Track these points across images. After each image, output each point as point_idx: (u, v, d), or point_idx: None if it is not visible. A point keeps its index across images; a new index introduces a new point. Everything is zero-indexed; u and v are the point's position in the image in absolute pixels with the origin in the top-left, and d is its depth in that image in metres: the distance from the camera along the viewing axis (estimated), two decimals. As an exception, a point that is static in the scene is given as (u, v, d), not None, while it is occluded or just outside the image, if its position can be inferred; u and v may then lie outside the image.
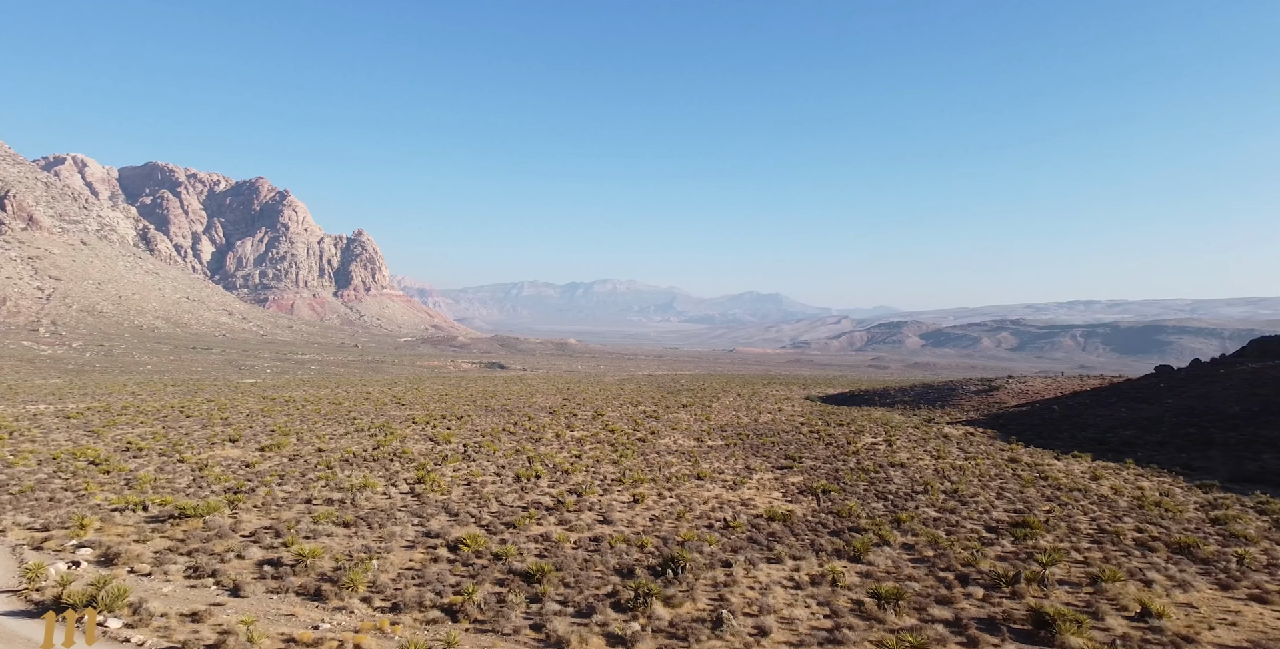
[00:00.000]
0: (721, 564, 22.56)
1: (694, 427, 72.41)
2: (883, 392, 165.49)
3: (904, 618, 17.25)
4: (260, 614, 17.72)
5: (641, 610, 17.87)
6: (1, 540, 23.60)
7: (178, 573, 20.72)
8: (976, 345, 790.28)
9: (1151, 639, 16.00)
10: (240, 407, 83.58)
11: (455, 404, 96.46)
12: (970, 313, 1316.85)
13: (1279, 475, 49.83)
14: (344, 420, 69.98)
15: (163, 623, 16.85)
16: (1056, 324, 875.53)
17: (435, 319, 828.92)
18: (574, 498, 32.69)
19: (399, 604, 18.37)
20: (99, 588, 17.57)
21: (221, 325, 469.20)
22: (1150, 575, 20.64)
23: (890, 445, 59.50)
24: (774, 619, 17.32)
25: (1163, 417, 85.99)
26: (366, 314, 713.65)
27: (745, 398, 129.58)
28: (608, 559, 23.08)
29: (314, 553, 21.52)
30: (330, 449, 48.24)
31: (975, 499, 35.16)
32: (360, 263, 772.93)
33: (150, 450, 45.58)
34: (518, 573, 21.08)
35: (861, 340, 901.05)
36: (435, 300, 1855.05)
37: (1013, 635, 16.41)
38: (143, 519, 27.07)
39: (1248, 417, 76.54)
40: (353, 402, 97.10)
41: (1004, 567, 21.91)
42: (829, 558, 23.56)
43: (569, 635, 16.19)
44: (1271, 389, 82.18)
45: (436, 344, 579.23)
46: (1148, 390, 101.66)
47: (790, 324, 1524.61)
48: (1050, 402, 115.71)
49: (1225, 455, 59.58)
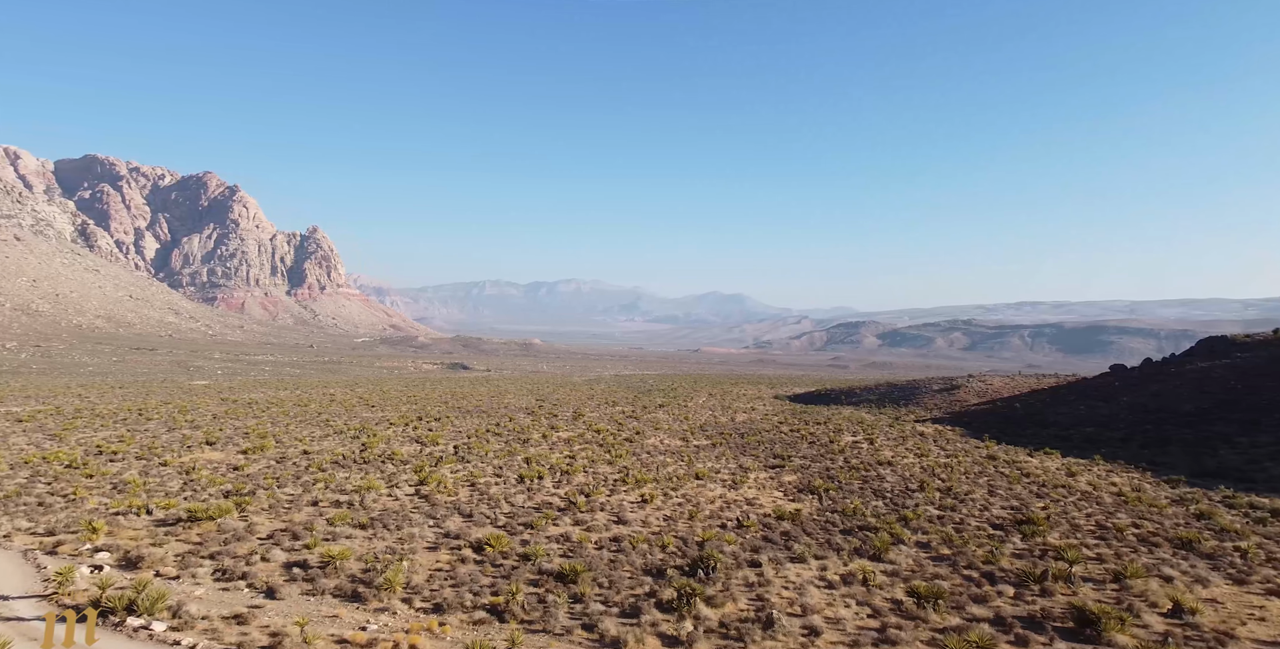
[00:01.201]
0: (749, 564, 22.42)
1: (675, 426, 72.34)
2: (848, 391, 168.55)
3: (947, 617, 17.28)
4: (302, 616, 17.45)
5: (686, 610, 17.68)
6: (8, 546, 22.91)
7: (205, 576, 20.39)
8: (931, 345, 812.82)
9: (1192, 635, 16.27)
10: (201, 409, 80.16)
11: (427, 406, 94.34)
12: (924, 313, 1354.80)
13: (1237, 470, 52.24)
14: (317, 423, 67.75)
15: (208, 626, 16.67)
16: (1006, 325, 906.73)
17: (394, 319, 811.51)
18: (584, 499, 32.40)
19: (441, 605, 18.26)
20: (138, 591, 17.22)
21: (167, 325, 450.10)
22: (1165, 571, 21.10)
23: (872, 444, 60.45)
24: (820, 619, 17.21)
25: (1119, 414, 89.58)
26: (322, 313, 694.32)
27: (718, 397, 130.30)
28: (633, 559, 22.94)
29: (342, 554, 21.34)
30: (316, 451, 47.09)
31: (970, 496, 35.83)
32: (315, 261, 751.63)
33: (125, 454, 44.02)
34: (550, 573, 20.85)
35: (821, 340, 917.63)
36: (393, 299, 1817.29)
37: (1059, 634, 16.45)
38: (150, 523, 26.46)
39: (1199, 414, 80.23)
40: (319, 404, 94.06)
41: (1024, 564, 22.26)
42: (850, 557, 23.60)
43: (624, 636, 16.00)
44: (1219, 388, 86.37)
45: (396, 344, 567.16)
46: (1104, 389, 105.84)
47: (753, 324, 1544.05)
48: (1012, 400, 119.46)
49: (1184, 451, 62.24)
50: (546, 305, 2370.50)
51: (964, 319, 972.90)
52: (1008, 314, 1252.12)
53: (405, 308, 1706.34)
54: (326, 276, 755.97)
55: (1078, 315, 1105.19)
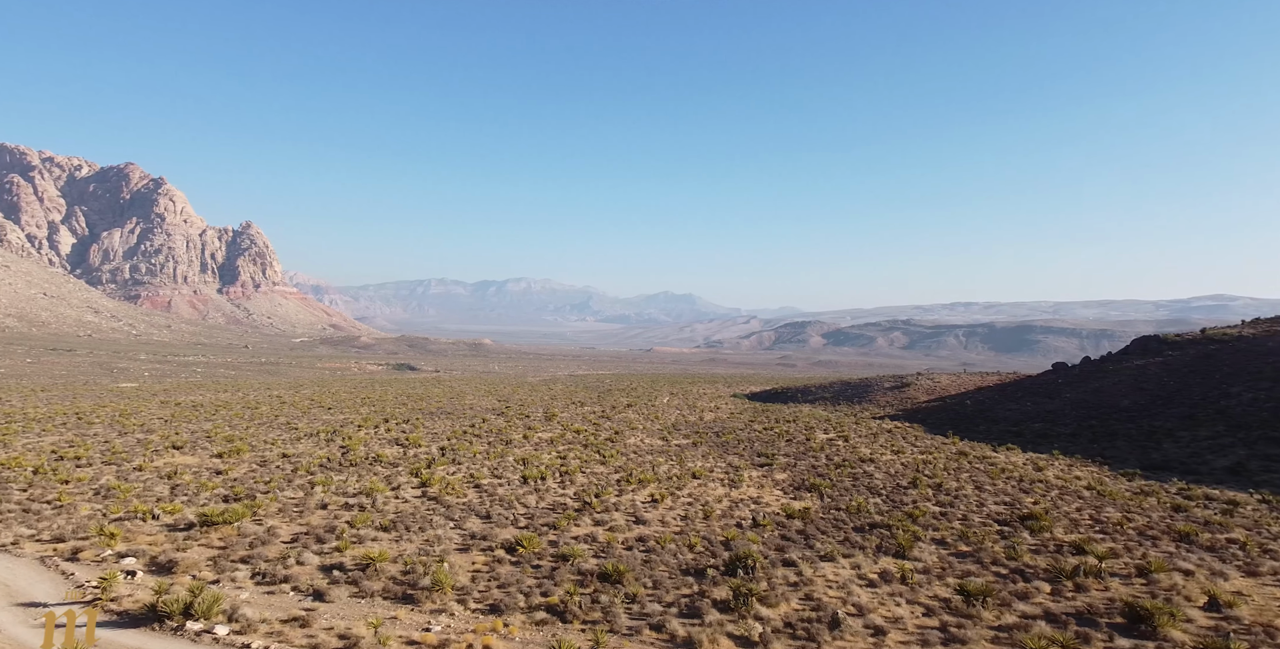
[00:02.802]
0: (783, 563, 22.27)
1: (650, 426, 72.04)
2: (804, 389, 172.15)
3: (1003, 615, 17.38)
4: (360, 617, 17.37)
5: (745, 610, 17.46)
6: (20, 553, 22.27)
7: (245, 580, 20.09)
8: (872, 344, 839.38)
9: (1239, 629, 16.70)
10: (144, 412, 75.20)
11: (385, 407, 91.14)
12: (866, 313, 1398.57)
13: (1181, 463, 55.52)
14: (277, 426, 64.54)
15: (271, 629, 16.44)
16: (942, 324, 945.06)
17: (334, 318, 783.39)
18: (597, 499, 31.93)
19: (498, 606, 17.98)
20: (194, 594, 16.82)
21: (86, 324, 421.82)
22: (1180, 564, 21.76)
23: (847, 441, 61.58)
24: (879, 618, 17.16)
25: (1064, 410, 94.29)
26: (256, 312, 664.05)
27: (680, 397, 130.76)
28: (667, 559, 22.72)
29: (381, 557, 20.88)
30: (295, 455, 45.33)
31: (962, 492, 36.73)
32: (249, 257, 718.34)
33: (90, 459, 41.72)
34: (593, 574, 20.57)
35: (770, 339, 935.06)
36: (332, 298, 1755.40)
37: (1113, 630, 16.61)
38: (160, 528, 25.64)
39: (1137, 409, 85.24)
40: (270, 406, 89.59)
41: (1045, 560, 22.72)
42: (875, 554, 23.77)
43: (696, 636, 15.69)
44: (1154, 384, 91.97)
45: (337, 345, 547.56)
46: (1048, 386, 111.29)
47: (704, 324, 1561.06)
48: (961, 396, 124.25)
49: (1130, 445, 65.82)
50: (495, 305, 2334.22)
51: (903, 319, 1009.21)
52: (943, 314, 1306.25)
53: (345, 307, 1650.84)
54: (261, 274, 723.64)
55: (1007, 315, 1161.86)
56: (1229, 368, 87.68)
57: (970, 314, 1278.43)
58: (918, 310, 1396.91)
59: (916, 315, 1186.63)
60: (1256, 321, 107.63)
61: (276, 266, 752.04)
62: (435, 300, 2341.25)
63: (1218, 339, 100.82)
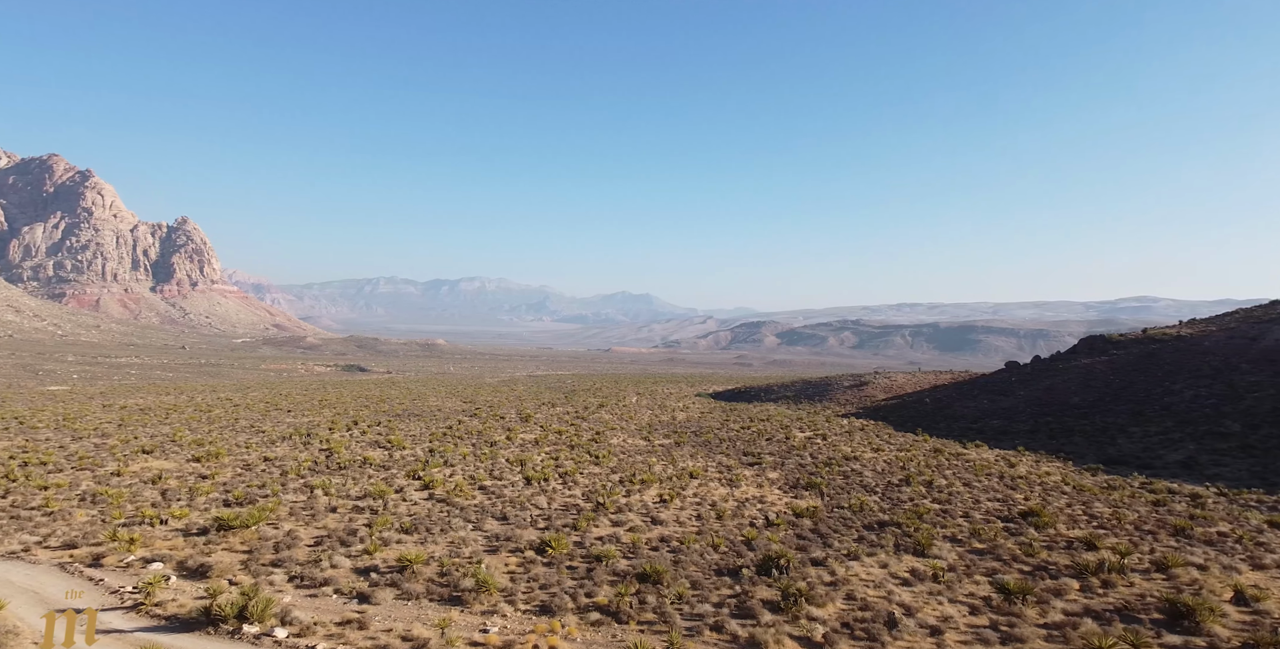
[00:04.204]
0: (813, 563, 22.21)
1: (626, 425, 71.61)
2: (766, 388, 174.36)
3: (1047, 613, 17.50)
4: (413, 619, 17.18)
5: (796, 611, 17.33)
6: (35, 560, 21.83)
7: (283, 583, 19.80)
8: (824, 344, 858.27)
9: (1276, 622, 17.06)
10: (89, 416, 70.78)
11: (347, 410, 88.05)
12: (817, 314, 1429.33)
13: (1136, 457, 58.25)
14: (241, 429, 61.76)
15: (328, 631, 16.20)
16: (889, 324, 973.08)
17: (277, 317, 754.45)
18: (610, 500, 31.58)
19: (547, 606, 17.76)
20: (247, 597, 16.56)
21: (6, 324, 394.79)
22: (1191, 558, 22.38)
23: (825, 439, 62.46)
24: (931, 617, 17.22)
25: (1019, 407, 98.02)
26: (194, 312, 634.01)
27: (648, 397, 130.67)
28: (695, 559, 22.54)
29: (418, 558, 20.49)
30: (277, 458, 43.66)
31: (953, 489, 37.51)
32: (185, 254, 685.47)
33: (57, 464, 39.73)
34: (629, 574, 20.29)
35: (726, 339, 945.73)
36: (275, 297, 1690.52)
37: (1158, 627, 16.78)
38: (173, 533, 25.05)
39: (1087, 406, 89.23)
40: (223, 409, 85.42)
41: (1062, 556, 23.15)
42: (896, 552, 23.95)
43: (761, 637, 15.56)
44: (1102, 382, 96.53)
45: (281, 345, 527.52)
46: (1002, 384, 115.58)
47: (661, 324, 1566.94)
48: (920, 394, 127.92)
49: (1087, 441, 68.68)
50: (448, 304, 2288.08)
51: (853, 319, 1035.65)
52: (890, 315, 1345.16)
53: (289, 306, 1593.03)
54: (198, 271, 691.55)
55: (950, 316, 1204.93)
56: (1170, 366, 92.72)
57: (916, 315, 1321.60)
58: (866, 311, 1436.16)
59: (865, 316, 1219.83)
60: (1193, 322, 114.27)
61: (215, 264, 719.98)
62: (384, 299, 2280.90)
63: (1158, 339, 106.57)
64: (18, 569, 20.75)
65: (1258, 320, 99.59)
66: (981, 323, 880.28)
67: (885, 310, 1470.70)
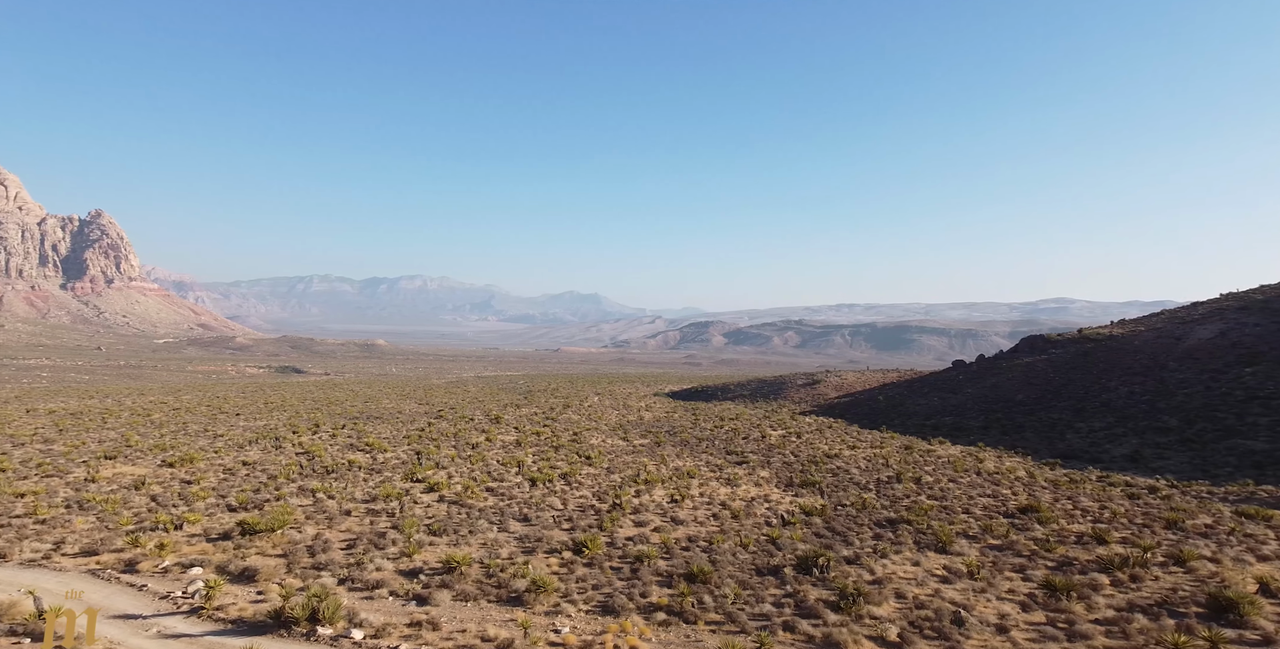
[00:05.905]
0: (846, 562, 22.33)
1: (598, 426, 70.98)
2: (723, 387, 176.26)
3: (1093, 608, 17.83)
4: (479, 619, 17.05)
5: (855, 609, 17.41)
6: (61, 567, 21.18)
7: (333, 585, 19.42)
8: (769, 343, 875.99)
9: None
10: (18, 421, 65.29)
11: (300, 412, 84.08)
12: (761, 314, 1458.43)
13: (1085, 451, 61.39)
14: (193, 433, 58.47)
15: (404, 633, 16.05)
16: (830, 324, 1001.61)
17: (202, 316, 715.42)
18: (628, 500, 31.41)
19: (608, 607, 17.57)
20: (318, 599, 16.28)
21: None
22: (1201, 551, 23.15)
23: (800, 437, 63.43)
24: (989, 614, 17.50)
25: (968, 404, 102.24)
26: (109, 311, 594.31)
27: (608, 397, 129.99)
28: (730, 558, 22.43)
29: (465, 560, 20.64)
30: (257, 463, 41.83)
31: (942, 486, 38.57)
32: (99, 250, 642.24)
33: (18, 471, 37.46)
34: (675, 574, 20.18)
35: (675, 339, 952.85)
36: (198, 295, 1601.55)
37: (1204, 621, 16.98)
38: (193, 537, 24.55)
39: (1031, 402, 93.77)
40: (162, 413, 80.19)
41: (1082, 552, 23.79)
42: (919, 550, 24.36)
43: (839, 637, 15.48)
44: (1043, 380, 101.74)
45: (208, 346, 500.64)
46: (950, 382, 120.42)
47: (610, 324, 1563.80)
48: (872, 392, 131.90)
49: (1038, 437, 72.05)
50: (386, 303, 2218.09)
51: (795, 319, 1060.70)
52: (830, 315, 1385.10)
53: (214, 305, 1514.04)
54: (115, 268, 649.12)
55: (886, 316, 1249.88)
56: (1104, 364, 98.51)
57: (854, 315, 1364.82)
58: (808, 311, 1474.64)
59: (807, 316, 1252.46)
60: (1123, 322, 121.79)
61: (133, 260, 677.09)
62: (318, 298, 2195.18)
63: (1093, 338, 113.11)
64: (47, 577, 19.99)
65: (1182, 321, 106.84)
66: (915, 323, 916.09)
67: (826, 310, 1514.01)
